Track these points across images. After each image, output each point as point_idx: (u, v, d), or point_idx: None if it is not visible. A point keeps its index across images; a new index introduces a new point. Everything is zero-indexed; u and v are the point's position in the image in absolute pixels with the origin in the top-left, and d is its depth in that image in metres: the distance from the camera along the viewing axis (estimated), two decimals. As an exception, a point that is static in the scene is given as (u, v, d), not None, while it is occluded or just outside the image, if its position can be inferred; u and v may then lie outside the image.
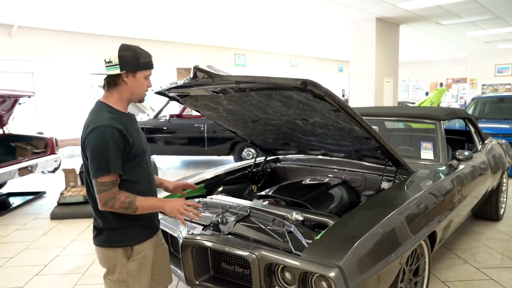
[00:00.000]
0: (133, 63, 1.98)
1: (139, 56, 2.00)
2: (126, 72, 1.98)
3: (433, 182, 3.13)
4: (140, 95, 2.09)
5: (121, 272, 2.05)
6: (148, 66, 2.04)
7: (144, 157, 2.10)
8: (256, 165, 4.06)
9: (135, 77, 2.01)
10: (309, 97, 2.33)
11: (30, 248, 4.46)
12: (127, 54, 1.97)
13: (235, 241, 2.39)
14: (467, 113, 4.66)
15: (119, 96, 2.04)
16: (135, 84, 2.03)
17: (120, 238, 2.04)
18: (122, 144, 1.94)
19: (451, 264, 3.75)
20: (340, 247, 2.12)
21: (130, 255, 2.06)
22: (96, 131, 1.89)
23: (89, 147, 1.91)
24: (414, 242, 2.49)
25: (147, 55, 2.05)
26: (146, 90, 2.09)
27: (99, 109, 2.01)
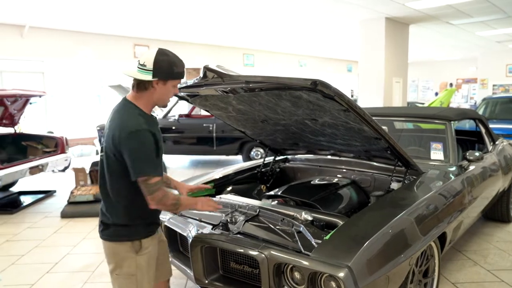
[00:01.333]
0: (166, 72, 2.01)
1: (173, 65, 2.03)
2: (158, 79, 2.01)
3: (443, 183, 3.11)
4: (165, 102, 2.13)
5: (130, 265, 2.07)
6: (180, 76, 2.08)
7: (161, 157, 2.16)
8: (265, 165, 4.07)
9: (165, 85, 2.04)
10: (318, 97, 2.33)
11: (41, 246, 4.50)
12: (163, 62, 1.99)
13: (244, 241, 2.40)
14: (477, 114, 4.63)
15: (147, 100, 2.07)
16: (164, 91, 2.06)
17: (129, 233, 2.08)
18: (155, 148, 2.01)
19: (461, 265, 3.72)
20: (350, 247, 2.12)
21: (138, 249, 2.09)
22: (136, 135, 1.93)
23: (131, 150, 1.94)
24: (423, 243, 2.49)
25: (181, 65, 2.07)
26: (171, 97, 2.14)
27: (131, 111, 2.03)
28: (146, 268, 2.11)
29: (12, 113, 6.70)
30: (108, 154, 2.02)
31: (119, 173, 2.01)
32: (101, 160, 2.09)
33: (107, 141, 2.02)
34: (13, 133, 7.03)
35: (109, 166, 2.03)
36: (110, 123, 2.04)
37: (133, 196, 2.03)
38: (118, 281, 2.11)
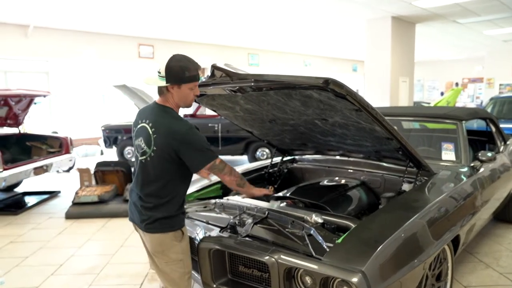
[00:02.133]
0: (178, 77, 2.17)
1: (185, 70, 2.17)
2: (171, 84, 2.18)
3: (456, 184, 3.04)
4: (186, 104, 2.30)
5: (177, 252, 2.30)
6: (194, 79, 2.22)
7: None
8: (273, 165, 4.00)
9: (180, 89, 2.21)
10: (330, 97, 2.26)
11: (46, 247, 4.46)
12: (174, 68, 2.16)
13: (253, 244, 2.34)
14: (488, 113, 4.54)
15: (172, 102, 2.26)
16: (180, 94, 2.23)
17: (173, 223, 2.29)
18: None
19: (473, 268, 3.64)
20: (363, 252, 2.06)
21: (180, 237, 2.31)
22: (191, 132, 2.17)
23: (192, 146, 2.18)
24: (437, 247, 2.41)
25: (194, 68, 2.21)
26: (192, 98, 2.29)
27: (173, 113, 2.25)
28: (188, 251, 2.38)
29: (16, 113, 6.67)
30: (160, 155, 2.19)
31: (174, 171, 2.23)
32: (144, 163, 2.26)
33: (159, 145, 2.18)
34: (17, 133, 7.01)
35: (161, 166, 2.21)
36: (156, 128, 2.20)
37: (179, 190, 2.29)
38: (169, 267, 2.32)
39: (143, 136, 2.26)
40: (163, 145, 2.17)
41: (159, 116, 2.23)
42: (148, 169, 2.25)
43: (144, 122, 2.27)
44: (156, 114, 2.25)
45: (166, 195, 2.24)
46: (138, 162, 2.31)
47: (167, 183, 2.24)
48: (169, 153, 2.17)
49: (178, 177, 2.26)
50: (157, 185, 2.24)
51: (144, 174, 2.27)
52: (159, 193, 2.24)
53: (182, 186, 2.31)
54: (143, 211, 2.28)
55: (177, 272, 2.32)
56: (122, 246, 4.41)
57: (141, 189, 2.29)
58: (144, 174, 2.27)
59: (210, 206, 3.00)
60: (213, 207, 2.98)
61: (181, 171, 2.25)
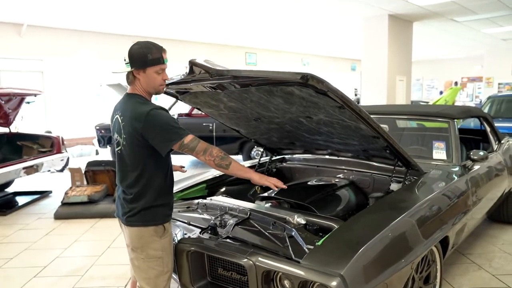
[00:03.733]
0: (140, 61, 2.12)
1: (148, 53, 2.12)
2: (136, 69, 2.14)
3: (446, 184, 2.95)
4: (155, 89, 2.22)
5: (156, 248, 2.21)
6: (157, 62, 2.14)
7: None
8: (261, 165, 3.92)
9: (145, 73, 2.15)
10: (311, 93, 2.18)
11: (31, 248, 4.38)
12: (135, 52, 2.13)
13: (232, 246, 2.26)
14: (482, 112, 4.46)
15: (140, 89, 2.21)
16: (147, 79, 2.17)
17: (152, 217, 2.20)
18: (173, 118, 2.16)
19: (465, 270, 3.56)
20: (343, 254, 1.98)
21: (162, 233, 2.22)
22: (153, 113, 2.07)
23: (155, 126, 2.07)
24: (425, 247, 2.34)
25: (157, 51, 2.14)
26: (161, 83, 2.21)
27: (137, 99, 2.18)
28: (169, 249, 2.28)
29: (6, 112, 6.58)
30: (130, 142, 2.14)
31: (147, 157, 2.15)
32: (120, 154, 2.23)
33: (127, 132, 2.14)
34: (8, 132, 6.92)
35: (133, 154, 2.16)
36: (123, 116, 2.17)
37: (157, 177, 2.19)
38: (146, 264, 2.22)
39: (116, 128, 2.25)
40: (129, 130, 2.13)
41: (126, 103, 2.21)
42: (124, 159, 2.22)
43: (117, 114, 2.25)
44: (124, 102, 2.24)
45: (145, 184, 2.18)
46: (116, 154, 2.29)
47: (143, 171, 2.17)
48: (137, 138, 2.11)
49: (153, 163, 2.18)
50: (134, 174, 2.19)
51: (123, 165, 2.25)
52: (137, 182, 2.18)
53: (159, 174, 2.21)
54: (125, 204, 2.23)
55: (154, 270, 2.23)
56: (109, 247, 4.33)
57: (121, 181, 2.26)
58: (123, 165, 2.25)
59: (193, 207, 2.93)
60: (196, 207, 2.90)
61: (155, 156, 2.16)
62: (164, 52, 2.18)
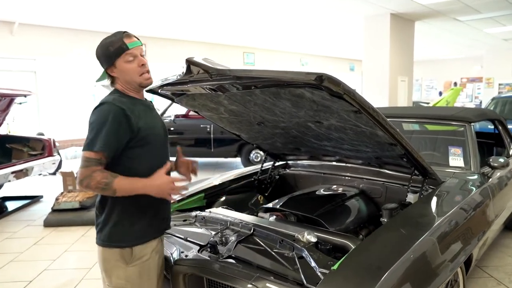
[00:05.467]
0: (105, 57, 1.91)
1: (108, 46, 1.89)
2: (107, 67, 1.93)
3: (467, 195, 2.70)
4: (135, 80, 1.93)
5: (119, 276, 1.88)
6: (121, 50, 1.88)
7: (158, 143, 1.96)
8: (263, 171, 3.66)
9: (117, 68, 1.91)
10: (324, 96, 1.92)
11: (18, 260, 4.10)
12: (98, 52, 1.94)
13: (235, 269, 1.99)
14: (496, 114, 4.23)
15: (121, 85, 1.95)
16: (122, 73, 1.92)
17: (119, 237, 1.87)
18: (124, 124, 1.80)
19: (483, 285, 3.31)
20: (364, 281, 1.72)
21: (129, 259, 1.87)
22: (98, 108, 1.83)
23: (89, 123, 1.82)
24: (451, 271, 2.08)
25: (117, 39, 1.89)
26: (138, 71, 1.91)
27: (110, 94, 1.95)
28: (137, 281, 1.89)
29: (-5, 113, 6.31)
30: None
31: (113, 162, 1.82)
32: None
33: None
34: (-3, 135, 6.65)
35: None
36: None
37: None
38: None
39: None
40: None
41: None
42: None
43: None
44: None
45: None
46: None
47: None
48: None
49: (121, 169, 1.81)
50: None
51: None
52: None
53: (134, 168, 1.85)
54: (96, 218, 1.95)
55: None
56: (101, 259, 4.06)
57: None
58: None
59: (190, 220, 2.66)
60: (194, 220, 2.64)
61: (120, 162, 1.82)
62: (127, 37, 1.91)
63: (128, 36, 1.92)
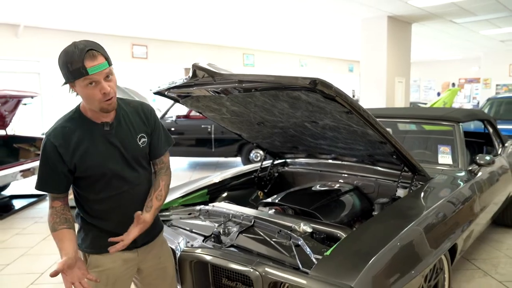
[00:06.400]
0: (64, 74, 1.62)
1: (67, 63, 1.58)
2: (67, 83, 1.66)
3: (453, 190, 2.90)
4: (94, 105, 1.68)
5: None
6: (78, 74, 1.58)
7: (106, 178, 1.78)
8: (263, 169, 3.85)
9: (75, 87, 1.64)
10: (318, 98, 2.12)
11: (28, 254, 4.29)
12: (59, 63, 1.63)
13: (237, 256, 2.19)
14: (486, 114, 4.42)
15: (84, 104, 1.76)
16: (82, 95, 1.67)
17: (80, 240, 1.84)
18: (56, 161, 1.70)
19: (471, 276, 3.50)
20: (353, 265, 1.91)
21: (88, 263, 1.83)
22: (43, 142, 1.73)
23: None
24: (434, 257, 2.27)
25: (78, 59, 1.56)
26: (99, 99, 1.65)
27: (67, 113, 1.81)
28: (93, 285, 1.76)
29: (3, 114, 6.49)
30: None
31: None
32: None
33: None
34: (4, 135, 6.83)
35: None
36: None
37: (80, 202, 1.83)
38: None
39: None
40: None
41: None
42: None
43: None
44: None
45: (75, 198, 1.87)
46: None
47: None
48: None
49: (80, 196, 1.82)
50: None
51: None
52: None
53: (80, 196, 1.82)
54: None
55: None
56: (108, 253, 4.25)
57: None
58: None
59: (195, 213, 2.85)
60: (198, 214, 2.83)
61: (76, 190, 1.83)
62: (90, 58, 1.57)
63: (91, 58, 1.58)
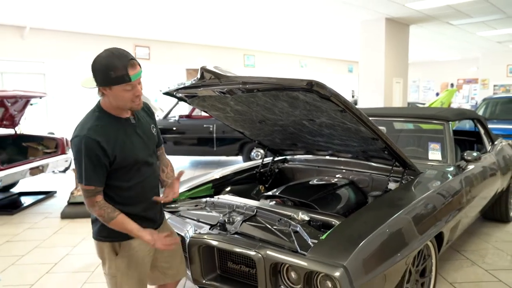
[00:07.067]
0: (103, 79, 1.85)
1: (110, 70, 1.81)
2: (100, 86, 1.89)
3: (441, 183, 3.12)
4: (124, 106, 1.96)
5: (111, 267, 2.09)
6: (121, 80, 1.83)
7: (137, 166, 2.05)
8: (264, 165, 4.08)
9: (111, 90, 1.87)
10: (315, 98, 2.34)
11: (41, 246, 4.52)
12: (96, 68, 1.85)
13: (242, 241, 2.41)
14: (476, 114, 4.64)
15: (109, 102, 1.97)
16: (114, 96, 1.90)
17: (108, 233, 2.04)
18: (101, 155, 1.89)
19: (459, 265, 3.73)
20: (345, 247, 2.14)
21: (118, 251, 2.07)
22: (74, 141, 1.90)
23: (72, 153, 1.95)
24: (420, 242, 2.50)
25: (122, 67, 1.81)
26: (132, 100, 1.93)
27: (91, 112, 2.00)
28: (125, 271, 2.08)
29: (12, 114, 6.72)
30: None
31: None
32: None
33: None
34: (13, 134, 7.05)
35: None
36: None
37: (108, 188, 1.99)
38: (105, 278, 2.17)
39: None
40: None
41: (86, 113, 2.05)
42: None
43: None
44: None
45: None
46: None
47: None
48: None
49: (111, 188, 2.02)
50: None
51: None
52: None
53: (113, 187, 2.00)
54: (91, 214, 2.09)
55: (109, 287, 2.15)
56: (116, 245, 4.47)
57: None
58: None
59: (201, 205, 3.08)
60: (204, 205, 3.06)
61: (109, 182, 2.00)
62: (132, 66, 1.84)
63: (132, 66, 1.85)
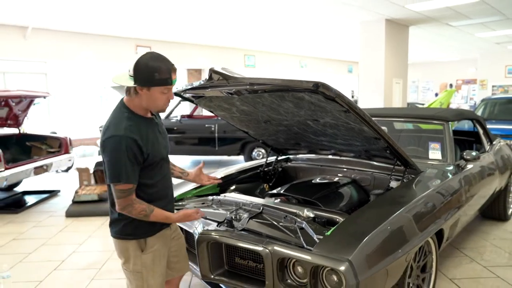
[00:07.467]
0: (146, 79, 1.96)
1: (156, 72, 1.95)
2: (140, 85, 1.98)
3: (441, 182, 3.20)
4: (157, 108, 2.09)
5: (136, 263, 2.15)
6: (164, 83, 1.98)
7: (160, 163, 2.17)
8: (268, 164, 4.16)
9: (149, 91, 1.99)
10: (320, 99, 2.42)
11: (47, 244, 4.59)
12: (142, 68, 1.95)
13: (249, 237, 2.49)
14: (475, 114, 4.72)
15: (138, 103, 2.06)
16: (150, 97, 2.01)
17: (133, 231, 2.12)
18: (138, 154, 1.99)
19: (459, 262, 3.82)
20: (350, 242, 2.22)
21: (144, 248, 2.15)
22: (111, 140, 1.95)
23: (105, 153, 1.98)
24: (421, 239, 2.58)
25: (166, 70, 1.97)
26: (164, 103, 2.07)
27: (119, 113, 2.06)
28: (151, 266, 2.18)
29: (16, 113, 6.80)
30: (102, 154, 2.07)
31: None
32: None
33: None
34: (17, 133, 7.13)
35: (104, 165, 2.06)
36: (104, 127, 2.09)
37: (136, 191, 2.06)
38: (127, 275, 2.23)
39: None
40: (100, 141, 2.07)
41: (111, 114, 2.09)
42: None
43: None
44: (112, 111, 2.11)
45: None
46: None
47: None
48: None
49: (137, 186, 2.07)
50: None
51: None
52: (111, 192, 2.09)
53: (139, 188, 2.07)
54: (110, 214, 2.17)
55: (134, 283, 2.20)
56: (122, 243, 4.55)
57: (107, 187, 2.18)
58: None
59: (208, 203, 3.15)
60: (211, 203, 3.13)
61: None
62: (174, 72, 2.02)
63: (174, 71, 2.02)
